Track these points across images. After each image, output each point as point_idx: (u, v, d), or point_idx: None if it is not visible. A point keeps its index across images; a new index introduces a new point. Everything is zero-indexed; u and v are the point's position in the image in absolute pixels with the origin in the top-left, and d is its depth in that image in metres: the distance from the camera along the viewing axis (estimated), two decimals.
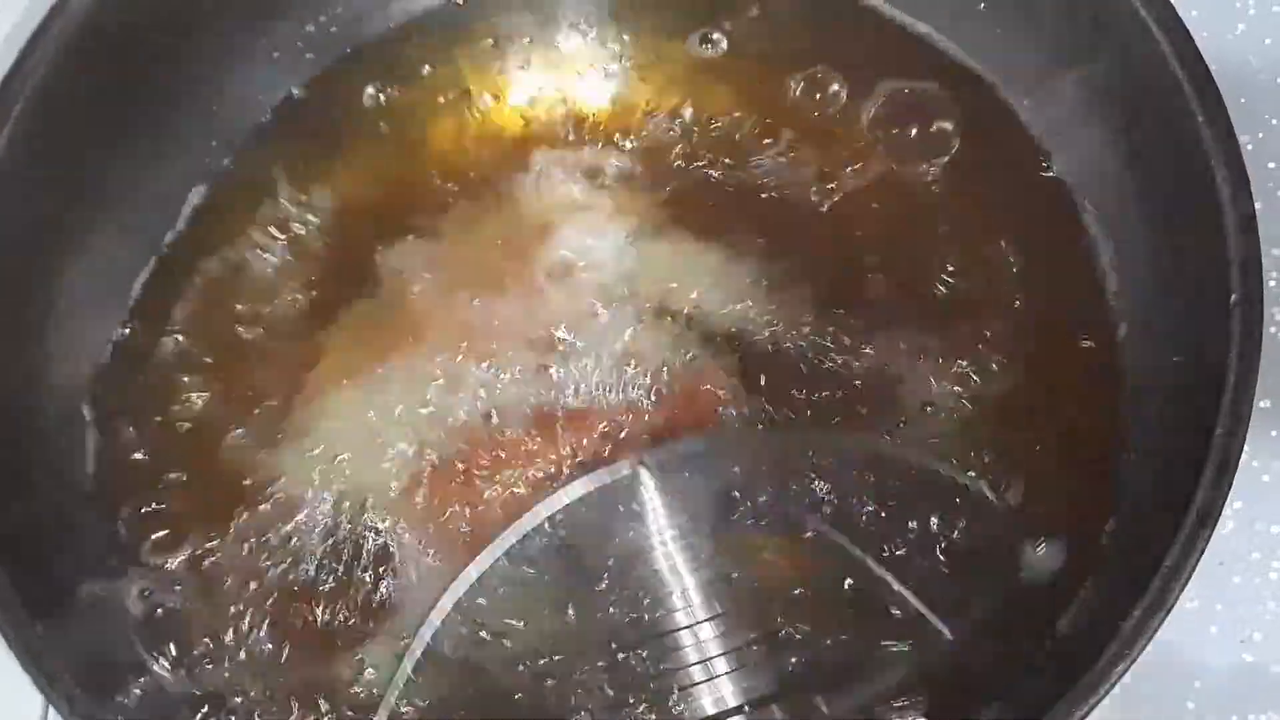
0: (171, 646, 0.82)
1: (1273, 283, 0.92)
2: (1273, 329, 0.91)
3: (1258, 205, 0.82)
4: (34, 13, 0.83)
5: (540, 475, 0.85)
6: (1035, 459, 0.83)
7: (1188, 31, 0.77)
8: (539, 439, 0.85)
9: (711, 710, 0.79)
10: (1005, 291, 0.87)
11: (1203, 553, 0.68)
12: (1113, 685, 0.67)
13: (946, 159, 0.90)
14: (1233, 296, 0.72)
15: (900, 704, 0.78)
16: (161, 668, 0.81)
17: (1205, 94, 0.76)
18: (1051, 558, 0.81)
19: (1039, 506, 0.82)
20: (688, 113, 0.93)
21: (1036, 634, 0.78)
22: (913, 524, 0.82)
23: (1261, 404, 0.89)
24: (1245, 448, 0.82)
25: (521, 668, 0.81)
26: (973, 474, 0.83)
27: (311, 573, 0.84)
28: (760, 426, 0.84)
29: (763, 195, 0.91)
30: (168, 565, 0.84)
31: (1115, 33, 0.80)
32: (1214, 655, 0.86)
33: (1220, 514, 0.69)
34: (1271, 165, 0.94)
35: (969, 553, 0.81)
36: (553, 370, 0.87)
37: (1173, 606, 0.68)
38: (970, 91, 0.92)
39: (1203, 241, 0.75)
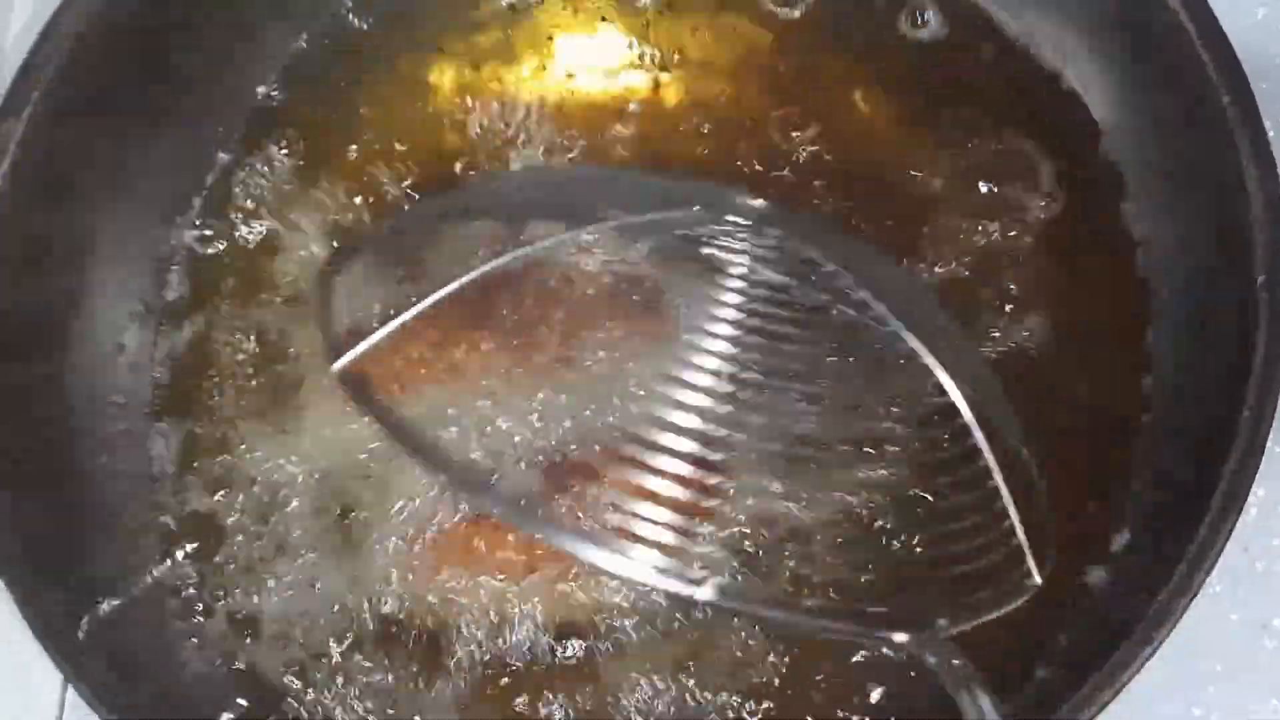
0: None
1: None
2: None
3: None
4: None
5: None
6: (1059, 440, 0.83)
7: (1214, 16, 0.77)
8: None
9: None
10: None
11: (1229, 537, 0.68)
12: (1138, 669, 0.67)
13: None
14: (1259, 279, 0.72)
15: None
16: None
17: (1232, 79, 0.76)
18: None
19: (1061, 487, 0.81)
20: None
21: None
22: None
23: None
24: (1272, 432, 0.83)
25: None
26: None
27: None
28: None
29: None
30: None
31: (1141, 18, 0.80)
32: (1236, 641, 0.86)
33: (1246, 499, 0.69)
34: None
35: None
36: None
37: (1198, 591, 0.68)
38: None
39: (1228, 224, 0.75)
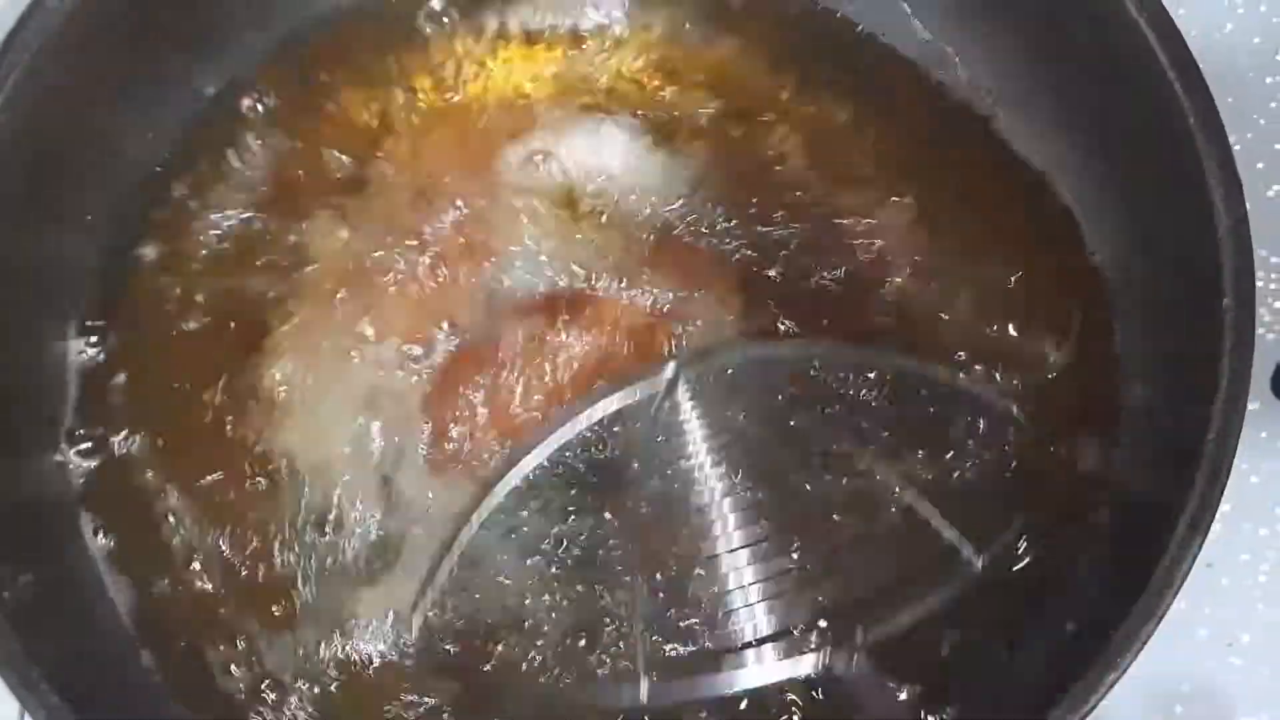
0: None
1: (1261, 283, 0.91)
2: (1261, 329, 0.91)
3: (1247, 206, 0.83)
4: None
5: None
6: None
7: (1179, 32, 0.77)
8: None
9: (748, 638, 0.80)
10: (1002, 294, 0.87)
11: (1194, 561, 0.68)
12: (1102, 696, 0.67)
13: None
14: (1224, 301, 0.72)
15: None
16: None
17: (1196, 96, 0.75)
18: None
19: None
20: None
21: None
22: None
23: (1251, 406, 0.89)
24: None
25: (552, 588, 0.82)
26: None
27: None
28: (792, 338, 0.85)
29: None
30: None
31: (1105, 32, 0.80)
32: (1202, 658, 0.86)
33: (1212, 521, 0.68)
34: (1260, 165, 0.94)
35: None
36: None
37: (1163, 616, 0.67)
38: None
39: (1194, 246, 0.75)
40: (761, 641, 0.80)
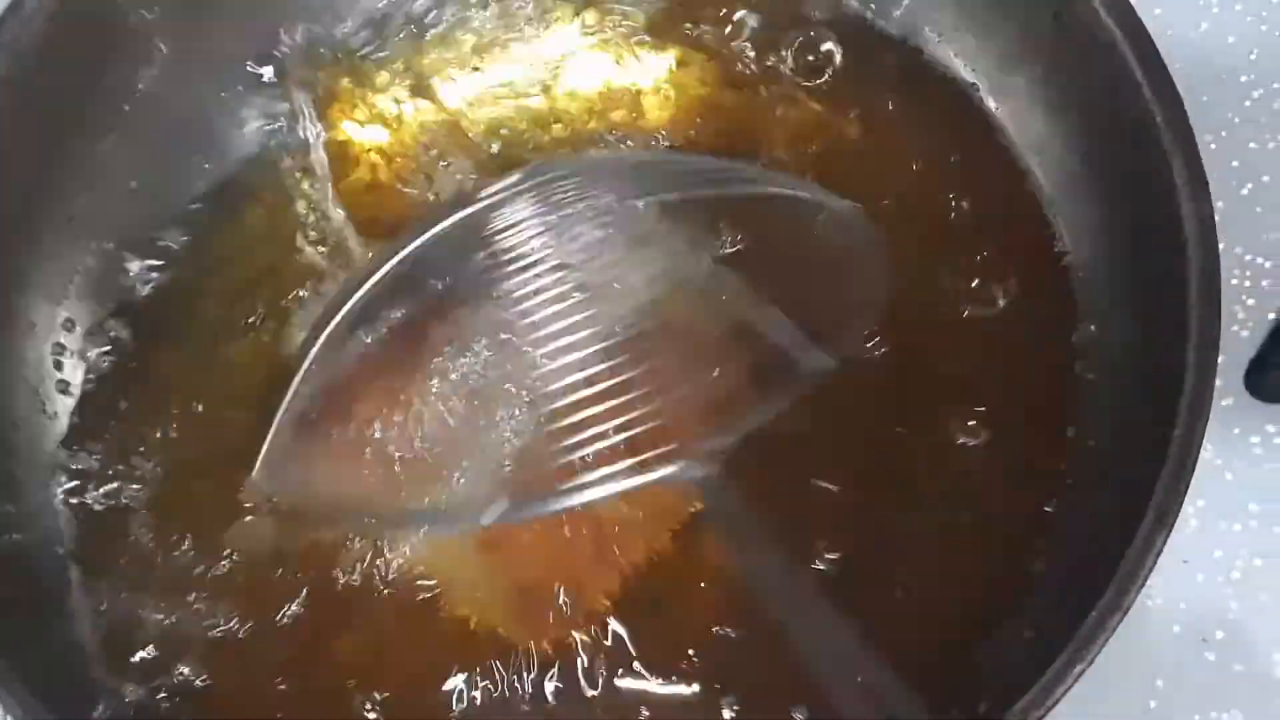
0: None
1: (1235, 280, 0.92)
2: (1235, 326, 0.91)
3: (1220, 204, 0.83)
4: None
5: None
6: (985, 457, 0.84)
7: (1147, 32, 0.78)
8: None
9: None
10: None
11: (1160, 553, 0.68)
12: (1070, 686, 0.67)
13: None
14: (1190, 299, 0.72)
15: None
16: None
17: (1165, 97, 0.76)
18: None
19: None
20: None
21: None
22: None
23: (1224, 402, 0.90)
24: (1209, 446, 0.83)
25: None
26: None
27: None
28: None
29: None
30: None
31: (1073, 30, 0.81)
32: (1177, 654, 0.86)
33: (1178, 515, 0.69)
34: (1235, 164, 0.95)
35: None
36: None
37: (1129, 608, 0.68)
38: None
39: (1161, 244, 0.75)
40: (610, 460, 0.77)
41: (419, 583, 0.82)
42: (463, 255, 0.81)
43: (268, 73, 0.92)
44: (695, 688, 0.80)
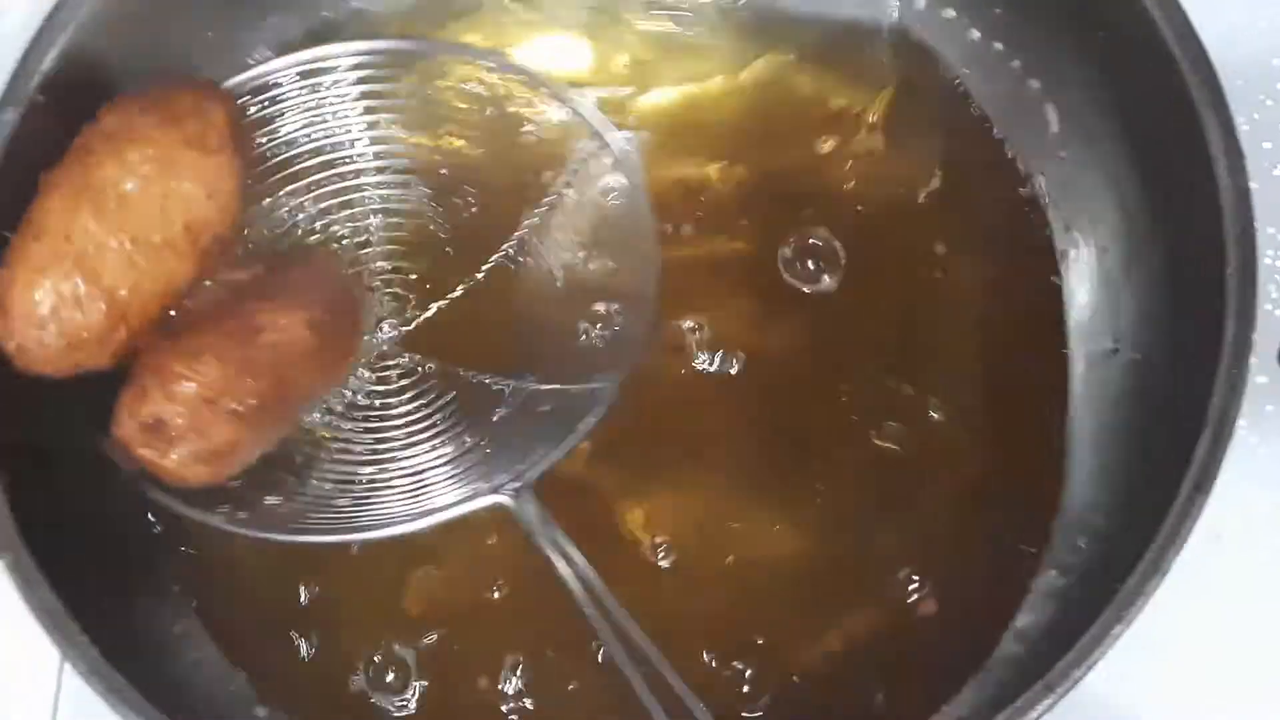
0: None
1: (1268, 260, 0.93)
2: (1269, 305, 0.92)
3: (1254, 185, 0.84)
4: None
5: None
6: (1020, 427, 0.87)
7: (1184, 11, 0.79)
8: None
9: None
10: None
11: (1196, 519, 0.69)
12: (1108, 648, 0.68)
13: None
14: (1228, 269, 0.74)
15: None
16: None
17: (1200, 70, 0.78)
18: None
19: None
20: None
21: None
22: None
23: (1258, 379, 0.91)
24: (1242, 422, 0.84)
25: None
26: None
27: None
28: None
29: None
30: None
31: (1111, 11, 0.82)
32: (1207, 629, 0.87)
33: (1214, 481, 0.70)
34: (1268, 145, 0.96)
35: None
36: None
37: (1168, 570, 0.69)
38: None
39: (1199, 215, 0.77)
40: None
41: None
42: None
43: None
44: None
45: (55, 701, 0.87)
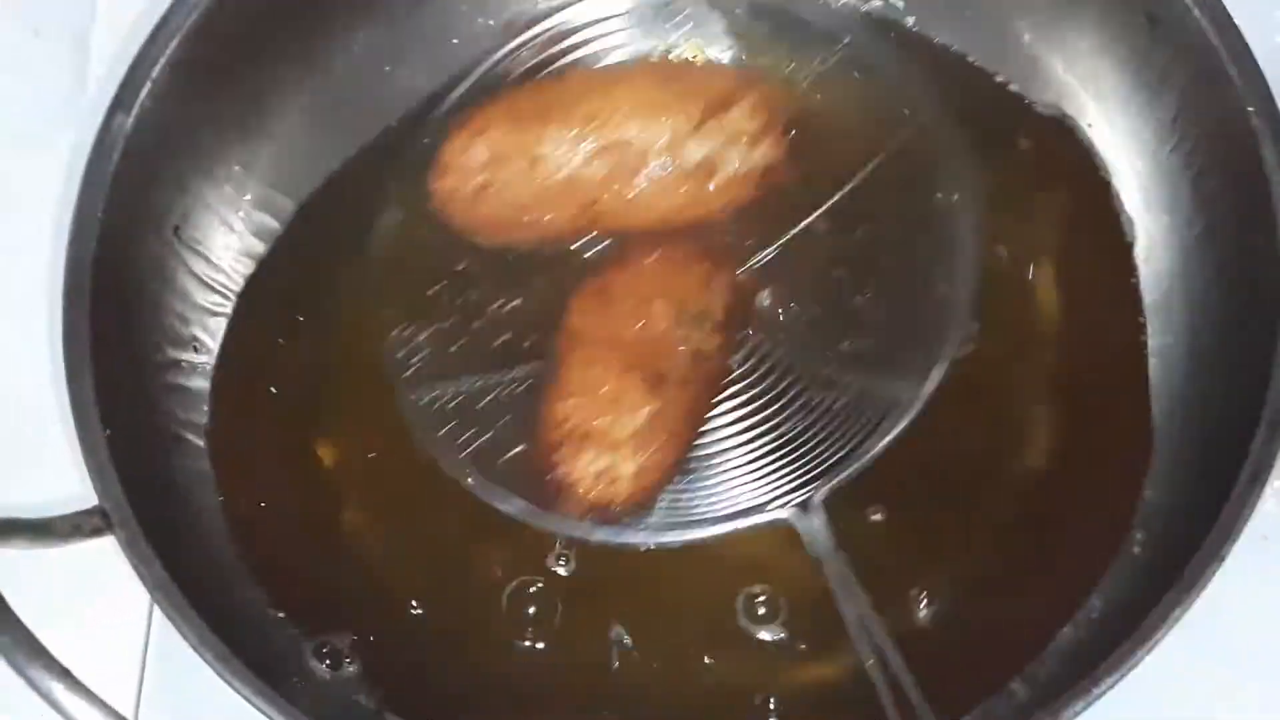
0: None
1: None
2: None
3: None
4: None
5: None
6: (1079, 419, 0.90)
7: (1238, 28, 0.84)
8: None
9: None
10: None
11: (1255, 504, 0.73)
12: (1170, 628, 0.72)
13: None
14: None
15: None
16: None
17: (1255, 85, 0.82)
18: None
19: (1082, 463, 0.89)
20: None
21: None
22: None
23: None
24: None
25: None
26: None
27: None
28: None
29: None
30: None
31: (1167, 29, 0.87)
32: (1254, 630, 0.89)
33: (1270, 473, 0.74)
34: None
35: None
36: None
37: (1225, 556, 0.73)
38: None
39: (1254, 224, 0.81)
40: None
41: None
42: None
43: None
44: None
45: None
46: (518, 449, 0.87)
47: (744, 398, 0.88)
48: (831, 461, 0.84)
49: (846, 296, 0.90)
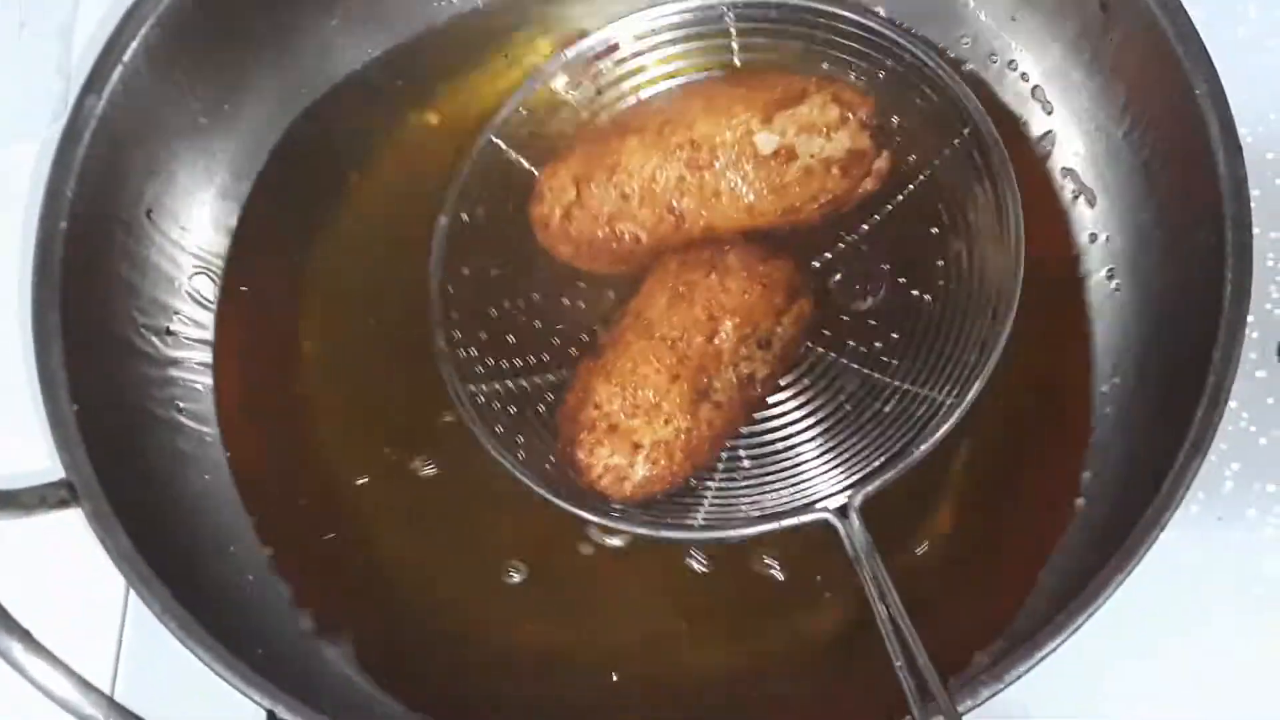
0: None
1: (1271, 262, 0.98)
2: (1268, 305, 0.97)
3: (1256, 192, 0.89)
4: None
5: None
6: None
7: (1185, 10, 0.85)
8: None
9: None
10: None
11: (1195, 474, 0.74)
12: (1111, 593, 0.73)
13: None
14: (1226, 249, 0.79)
15: None
16: None
17: (1201, 65, 0.84)
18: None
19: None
20: None
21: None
22: None
23: (1259, 374, 0.95)
24: (1244, 414, 0.91)
25: None
26: None
27: None
28: None
29: None
30: None
31: (1118, 14, 0.89)
32: (1212, 607, 0.91)
33: (1214, 438, 0.75)
34: (1270, 155, 1.01)
35: None
36: None
37: (1171, 514, 0.75)
38: None
39: (1198, 202, 0.83)
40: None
41: None
42: None
43: None
44: None
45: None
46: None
47: (801, 401, 0.90)
48: (876, 465, 0.85)
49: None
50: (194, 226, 0.97)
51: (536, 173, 0.94)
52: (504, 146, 0.95)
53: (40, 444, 0.85)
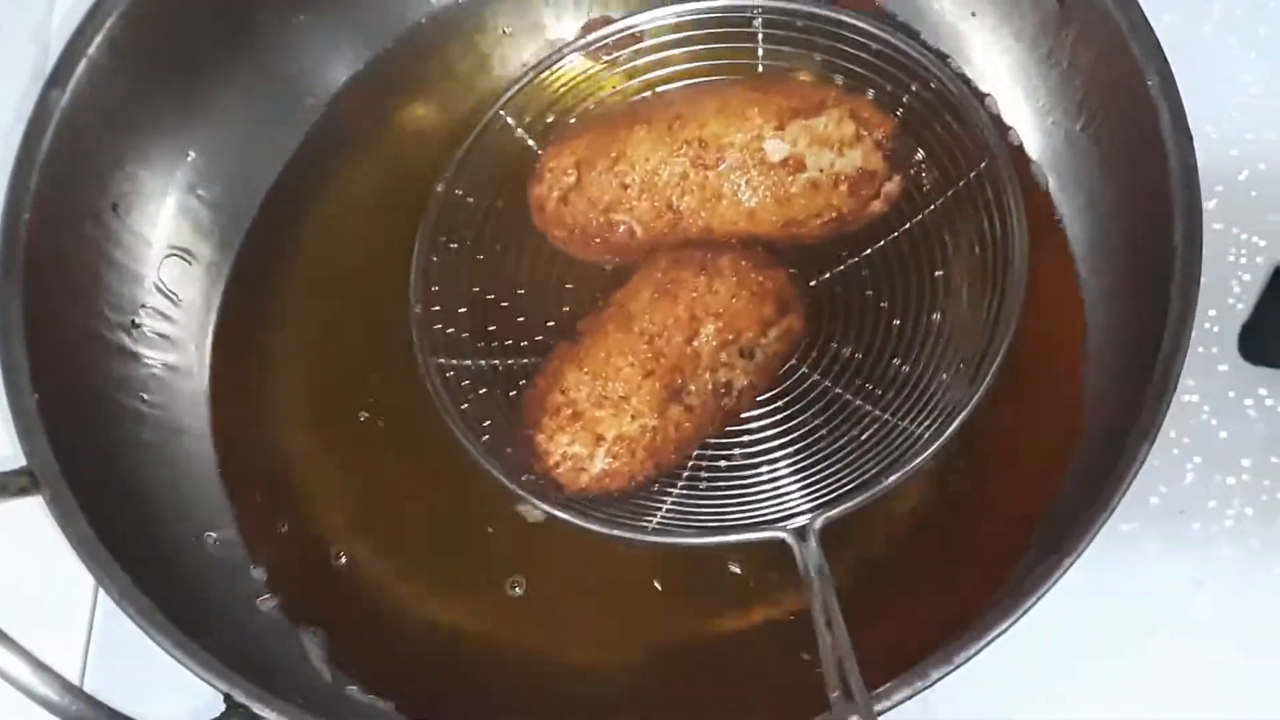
0: None
1: (1231, 258, 0.99)
2: (1230, 300, 0.98)
3: (1219, 189, 0.92)
4: None
5: None
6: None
7: (1138, 4, 0.86)
8: None
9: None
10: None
11: (1145, 459, 0.75)
12: (1064, 573, 0.74)
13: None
14: (1175, 238, 0.80)
15: None
16: None
17: (1153, 57, 0.85)
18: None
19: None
20: None
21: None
22: None
23: (1220, 367, 0.96)
24: (1205, 407, 0.92)
25: None
26: None
27: None
28: None
29: None
30: None
31: (1073, 9, 0.90)
32: (1171, 594, 0.92)
33: (1159, 428, 0.76)
34: (1234, 152, 1.01)
35: None
36: None
37: (1142, 463, 0.75)
38: None
39: (1150, 192, 0.84)
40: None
41: None
42: None
43: None
44: None
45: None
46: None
47: (776, 418, 0.89)
48: (844, 490, 0.84)
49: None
50: (161, 220, 0.97)
51: (541, 152, 0.94)
52: (511, 123, 0.96)
53: (4, 433, 0.86)
